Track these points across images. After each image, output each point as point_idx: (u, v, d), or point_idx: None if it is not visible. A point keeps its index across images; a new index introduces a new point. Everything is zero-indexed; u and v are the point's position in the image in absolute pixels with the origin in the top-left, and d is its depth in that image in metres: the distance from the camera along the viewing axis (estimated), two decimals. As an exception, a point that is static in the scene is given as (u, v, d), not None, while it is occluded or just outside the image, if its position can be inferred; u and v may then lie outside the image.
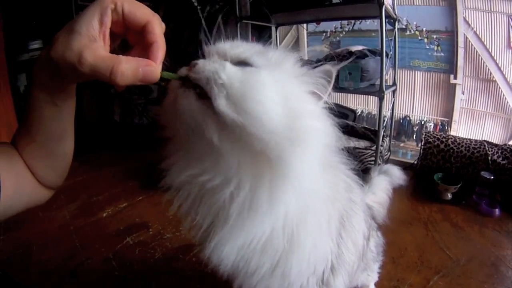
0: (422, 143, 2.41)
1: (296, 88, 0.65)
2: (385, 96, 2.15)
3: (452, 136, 2.43)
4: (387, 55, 2.17)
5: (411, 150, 3.44)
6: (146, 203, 2.09)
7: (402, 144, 3.54)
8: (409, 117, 3.47)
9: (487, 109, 3.20)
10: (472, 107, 3.24)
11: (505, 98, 3.08)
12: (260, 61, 0.63)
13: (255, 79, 0.58)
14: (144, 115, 2.99)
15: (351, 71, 2.12)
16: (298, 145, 0.59)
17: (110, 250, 1.71)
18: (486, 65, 3.07)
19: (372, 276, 1.40)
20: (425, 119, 3.41)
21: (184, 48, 2.90)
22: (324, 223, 0.77)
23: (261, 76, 0.59)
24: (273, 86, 0.59)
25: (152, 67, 0.53)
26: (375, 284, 1.48)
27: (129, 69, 0.51)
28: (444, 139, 2.38)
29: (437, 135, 2.44)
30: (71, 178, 2.27)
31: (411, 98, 3.45)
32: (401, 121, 3.49)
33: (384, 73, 2.10)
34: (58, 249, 1.69)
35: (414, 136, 3.48)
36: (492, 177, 2.13)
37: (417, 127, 3.45)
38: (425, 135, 2.43)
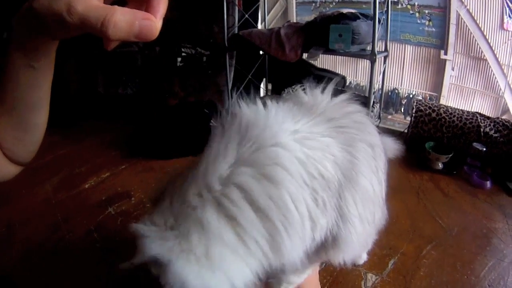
0: (414, 111, 2.33)
1: None
2: (377, 61, 2.09)
3: (444, 105, 2.37)
4: (379, 20, 2.09)
5: (398, 123, 3.34)
6: (129, 171, 2.00)
7: (390, 117, 3.47)
8: (397, 90, 3.42)
9: (476, 87, 3.17)
10: (462, 83, 3.21)
11: (495, 78, 3.05)
12: None
13: None
14: (128, 85, 2.91)
15: (342, 32, 2.01)
16: None
17: (92, 222, 1.63)
18: (477, 44, 3.03)
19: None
20: (413, 93, 3.36)
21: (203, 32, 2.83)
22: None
23: None
24: None
25: (150, 21, 0.44)
26: (367, 253, 1.43)
27: (124, 20, 0.42)
28: (435, 108, 2.30)
29: (428, 103, 2.36)
30: (54, 152, 2.19)
31: (400, 71, 3.39)
32: (390, 93, 3.42)
33: (377, 35, 2.03)
34: (41, 225, 1.60)
35: (402, 109, 3.44)
36: (484, 149, 2.07)
37: (405, 100, 3.41)
38: (417, 103, 2.36)
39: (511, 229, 1.71)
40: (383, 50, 2.44)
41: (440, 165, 2.17)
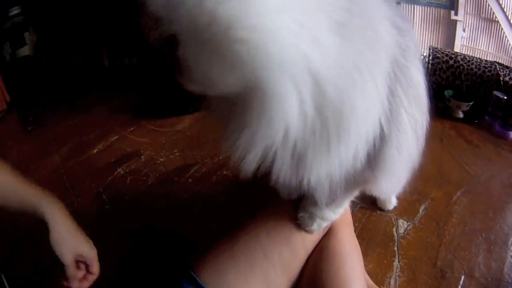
0: (430, 58, 2.24)
1: None
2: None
3: (461, 53, 2.28)
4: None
5: None
6: (137, 132, 1.90)
7: None
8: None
9: (488, 49, 3.08)
10: (473, 45, 3.12)
11: (507, 40, 2.96)
12: None
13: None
14: (133, 55, 2.84)
15: None
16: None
17: (101, 184, 1.54)
18: (488, 4, 2.95)
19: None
20: (424, 54, 3.28)
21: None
22: (369, 79, 0.57)
23: None
24: None
25: None
26: (397, 197, 1.36)
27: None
28: (453, 55, 2.20)
29: (444, 50, 2.27)
30: (61, 125, 2.11)
31: (410, 32, 3.32)
32: (399, 54, 3.35)
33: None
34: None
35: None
36: (505, 97, 1.99)
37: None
38: (433, 50, 2.26)
39: (538, 181, 1.63)
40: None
41: (461, 114, 2.07)
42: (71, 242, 0.83)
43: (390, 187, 0.85)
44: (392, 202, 1.34)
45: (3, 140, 1.99)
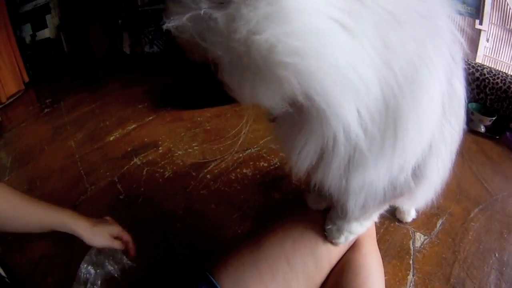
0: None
1: None
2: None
3: (487, 66, 2.25)
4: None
5: None
6: (156, 122, 1.89)
7: None
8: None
9: (511, 62, 3.04)
10: (496, 56, 3.08)
11: (531, 53, 2.92)
12: None
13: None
14: (154, 43, 2.83)
15: None
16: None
17: (116, 173, 1.54)
18: (513, 16, 2.91)
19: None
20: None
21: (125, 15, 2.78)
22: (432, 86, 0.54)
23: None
24: None
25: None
26: (416, 209, 1.34)
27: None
28: (479, 68, 2.18)
29: (471, 62, 2.24)
30: (79, 109, 2.11)
31: (433, 39, 3.28)
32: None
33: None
34: (62, 181, 1.52)
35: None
36: (528, 115, 1.96)
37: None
38: (459, 61, 2.24)
39: (556, 202, 1.60)
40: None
41: (483, 128, 2.05)
42: (100, 236, 1.00)
43: (423, 199, 0.83)
44: (411, 215, 1.33)
45: (19, 121, 2.00)
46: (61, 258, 1.14)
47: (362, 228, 0.85)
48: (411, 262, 1.22)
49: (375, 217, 0.86)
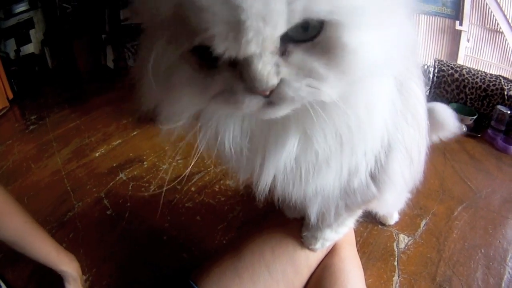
0: (436, 71, 2.24)
1: None
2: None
3: (466, 66, 2.28)
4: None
5: None
6: (141, 137, 1.90)
7: None
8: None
9: (492, 60, 3.08)
10: (477, 56, 3.12)
11: (511, 51, 2.97)
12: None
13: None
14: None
15: None
16: None
17: (102, 189, 1.54)
18: (493, 15, 2.95)
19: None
20: (428, 64, 3.28)
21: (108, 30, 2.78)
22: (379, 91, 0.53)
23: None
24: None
25: None
26: (398, 212, 1.36)
27: None
28: (458, 69, 2.21)
29: (450, 63, 2.27)
30: (64, 126, 2.11)
31: (414, 42, 3.32)
32: (404, 64, 3.34)
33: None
34: (49, 197, 1.51)
35: (418, 78, 3.37)
36: (509, 112, 1.99)
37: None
38: (438, 62, 2.26)
39: (539, 195, 1.63)
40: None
41: (464, 128, 2.08)
42: None
43: (391, 206, 0.85)
44: (393, 217, 1.34)
45: (5, 138, 1.99)
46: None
47: (337, 234, 0.86)
48: (395, 263, 1.23)
49: (350, 224, 0.87)
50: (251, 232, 0.94)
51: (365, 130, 0.52)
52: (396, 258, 1.25)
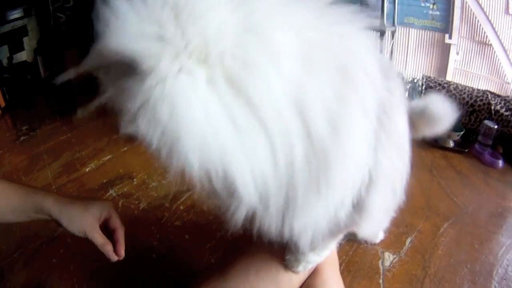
0: (423, 88, 2.28)
1: None
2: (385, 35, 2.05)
3: (454, 82, 2.32)
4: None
5: None
6: (131, 153, 1.91)
7: None
8: (401, 74, 3.38)
9: (481, 72, 3.12)
10: (466, 68, 3.16)
11: (500, 63, 3.01)
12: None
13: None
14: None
15: (350, 2, 1.96)
16: None
17: (92, 205, 1.56)
18: (482, 28, 2.99)
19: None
20: (418, 77, 3.31)
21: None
22: (356, 125, 0.57)
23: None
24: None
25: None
26: (384, 231, 1.37)
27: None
28: (445, 85, 2.24)
29: (438, 80, 2.31)
30: (55, 138, 2.11)
31: (404, 55, 3.34)
32: (394, 78, 3.38)
33: (386, 5, 1.98)
34: None
35: (407, 93, 3.40)
36: (496, 126, 2.02)
37: (409, 85, 3.37)
38: (426, 79, 2.30)
39: (526, 209, 1.66)
40: (391, 25, 2.41)
41: (452, 143, 2.10)
42: (78, 223, 0.87)
43: (370, 231, 0.86)
44: (379, 236, 1.35)
45: (-4, 148, 2.00)
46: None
47: (319, 257, 0.88)
48: (381, 281, 1.25)
49: (331, 246, 0.88)
50: (238, 252, 0.96)
51: (349, 166, 0.57)
52: (381, 276, 1.26)
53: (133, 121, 0.50)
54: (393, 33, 2.46)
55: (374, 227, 0.80)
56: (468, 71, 3.16)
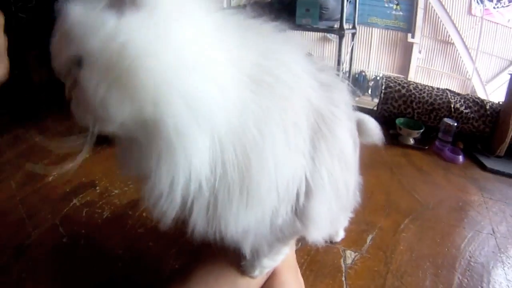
0: (383, 87, 2.32)
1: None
2: (344, 38, 2.08)
3: (414, 82, 2.37)
4: (346, -4, 2.10)
5: (366, 105, 3.32)
6: (93, 160, 1.87)
7: (357, 99, 3.42)
8: (364, 72, 3.43)
9: (443, 69, 3.22)
10: (429, 66, 3.25)
11: (462, 61, 3.10)
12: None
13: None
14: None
15: (309, 7, 1.97)
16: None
17: (57, 215, 1.52)
18: (444, 28, 3.08)
19: (345, 221, 1.31)
20: (380, 75, 3.37)
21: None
22: (279, 136, 0.59)
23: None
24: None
25: None
26: (344, 229, 1.39)
27: None
28: (405, 85, 2.30)
29: (397, 80, 2.36)
30: (16, 147, 2.07)
31: (367, 54, 3.41)
32: (357, 76, 3.42)
33: (345, 10, 2.02)
34: (5, 224, 1.48)
35: (369, 91, 3.46)
36: (455, 124, 2.08)
37: (372, 82, 3.43)
38: (386, 79, 2.34)
39: (487, 201, 1.73)
40: (351, 27, 2.44)
41: (412, 141, 2.17)
42: None
43: (319, 237, 0.88)
44: (339, 235, 1.38)
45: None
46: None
47: (274, 262, 0.90)
48: (343, 279, 1.26)
49: (285, 251, 0.90)
50: (198, 259, 0.97)
51: (265, 172, 0.58)
52: (343, 274, 1.28)
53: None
54: (353, 35, 2.50)
55: (322, 233, 0.82)
56: (430, 69, 3.26)
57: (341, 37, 2.07)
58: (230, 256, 0.92)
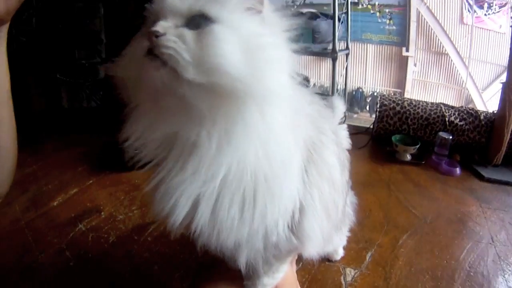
0: (378, 106, 2.36)
1: (253, 26, 0.60)
2: (338, 59, 2.13)
3: (408, 98, 2.41)
4: (339, 19, 2.14)
5: (364, 121, 3.34)
6: (96, 186, 1.93)
7: (355, 116, 3.51)
8: (361, 88, 3.47)
9: (439, 81, 3.25)
10: (424, 78, 3.28)
11: (457, 70, 3.14)
12: (214, 9, 0.57)
13: (212, 40, 0.55)
14: (92, 98, 2.85)
15: (302, 31, 2.03)
16: (262, 80, 0.58)
17: (63, 240, 1.56)
18: (438, 39, 3.12)
19: (342, 240, 1.36)
20: (377, 91, 3.41)
21: (130, 22, 2.75)
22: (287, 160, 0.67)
23: (217, 34, 0.56)
24: (230, 38, 0.56)
25: None
26: (344, 248, 1.42)
27: None
28: (399, 102, 2.33)
29: (392, 97, 2.39)
30: (20, 171, 2.10)
31: (363, 70, 3.45)
32: (354, 92, 3.45)
33: (337, 33, 2.07)
34: (11, 247, 1.52)
35: (367, 107, 3.49)
36: (450, 137, 2.12)
37: (369, 99, 3.46)
38: (380, 98, 2.39)
39: (485, 211, 1.76)
40: (344, 48, 2.49)
41: (409, 157, 2.20)
42: None
43: (315, 253, 0.93)
44: (338, 253, 1.41)
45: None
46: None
47: (274, 280, 0.94)
48: (344, 296, 1.30)
49: (283, 269, 0.95)
50: (203, 281, 1.01)
51: (274, 198, 0.66)
52: (344, 291, 1.32)
53: None
54: (347, 56, 2.55)
55: (317, 249, 0.87)
56: (426, 81, 3.30)
57: (334, 59, 2.12)
58: (235, 277, 0.96)
